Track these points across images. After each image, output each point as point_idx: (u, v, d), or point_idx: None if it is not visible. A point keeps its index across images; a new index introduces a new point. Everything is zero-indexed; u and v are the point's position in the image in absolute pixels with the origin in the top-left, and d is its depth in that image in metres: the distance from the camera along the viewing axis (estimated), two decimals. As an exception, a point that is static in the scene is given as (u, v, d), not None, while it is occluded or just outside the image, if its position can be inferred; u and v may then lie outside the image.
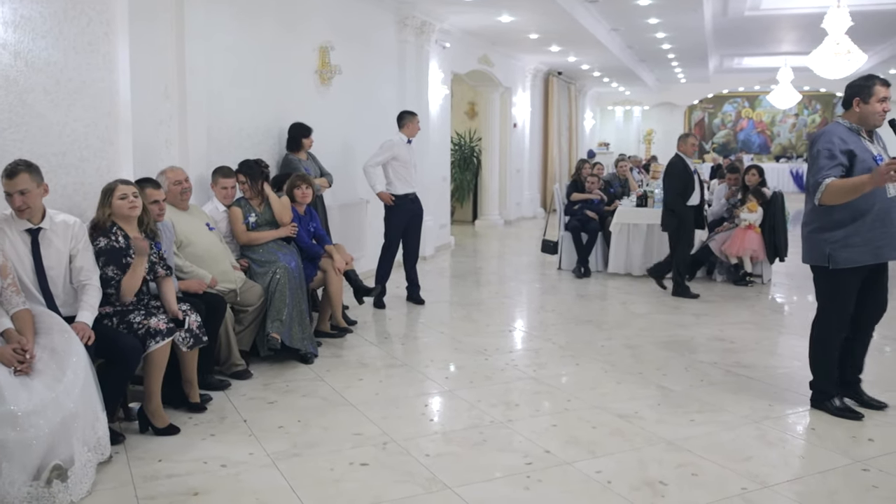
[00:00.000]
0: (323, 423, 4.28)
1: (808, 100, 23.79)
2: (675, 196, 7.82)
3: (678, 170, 7.86)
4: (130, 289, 4.13)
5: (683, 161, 7.90)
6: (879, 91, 4.19)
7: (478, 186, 14.50)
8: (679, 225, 7.84)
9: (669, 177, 7.94)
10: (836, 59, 10.31)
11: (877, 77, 4.27)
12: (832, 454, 3.92)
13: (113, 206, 4.20)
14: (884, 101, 4.20)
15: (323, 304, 6.20)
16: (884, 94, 4.20)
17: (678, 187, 7.79)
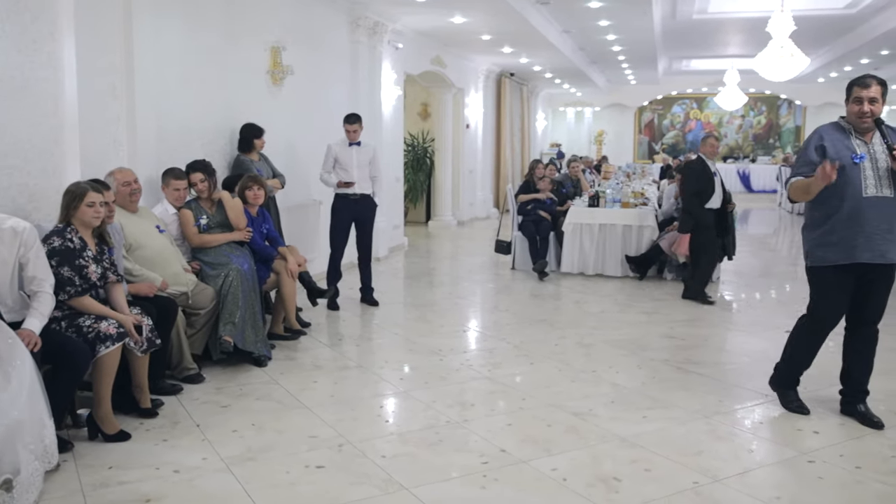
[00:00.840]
0: (277, 426, 4.24)
1: (754, 101, 24.34)
2: (690, 197, 7.72)
3: (696, 171, 7.73)
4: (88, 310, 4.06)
5: (703, 162, 7.73)
6: (854, 91, 4.13)
7: (431, 187, 14.52)
8: (696, 227, 7.71)
9: (686, 178, 7.86)
10: (780, 61, 10.56)
11: (863, 76, 4.17)
12: (779, 447, 4.02)
13: (79, 210, 4.10)
14: (859, 101, 4.09)
15: (276, 306, 6.14)
16: (858, 94, 4.10)
17: (695, 188, 7.66)
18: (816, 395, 4.83)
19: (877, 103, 4.09)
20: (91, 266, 4.11)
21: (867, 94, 4.08)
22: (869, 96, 4.08)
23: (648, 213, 9.12)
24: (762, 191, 23.16)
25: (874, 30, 13.21)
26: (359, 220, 7.32)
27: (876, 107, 4.09)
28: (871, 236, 4.11)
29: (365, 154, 7.29)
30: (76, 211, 4.10)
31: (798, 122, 24.77)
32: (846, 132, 4.19)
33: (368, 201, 7.34)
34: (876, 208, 4.09)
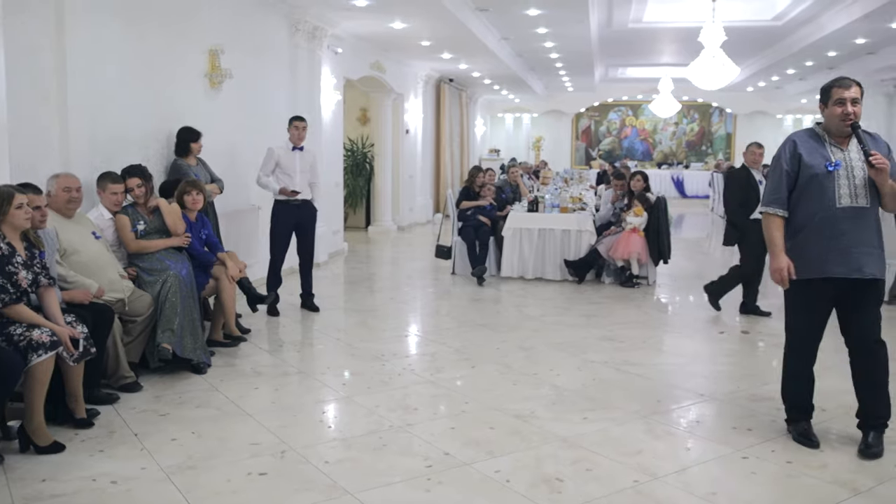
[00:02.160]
0: (218, 433, 4.18)
1: (687, 109, 24.93)
2: (734, 208, 7.22)
3: (740, 181, 7.20)
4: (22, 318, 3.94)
5: (747, 171, 7.22)
6: (835, 93, 3.90)
7: (371, 192, 14.48)
8: (742, 239, 7.16)
9: (729, 188, 7.41)
10: (712, 71, 10.85)
11: (842, 77, 3.97)
12: (715, 444, 4.13)
13: (9, 214, 3.98)
14: (842, 103, 3.87)
15: (215, 312, 6.06)
16: (839, 95, 3.88)
17: (739, 198, 7.12)
18: (752, 392, 4.99)
19: (858, 104, 3.89)
20: (21, 272, 3.99)
21: (849, 95, 3.87)
22: (851, 97, 3.86)
23: (586, 217, 9.26)
24: (695, 196, 23.71)
25: (799, 42, 13.69)
26: (300, 225, 7.27)
27: (858, 108, 3.88)
28: (846, 250, 3.90)
29: (307, 159, 7.25)
30: (5, 216, 3.99)
31: (729, 129, 25.47)
32: (821, 139, 3.99)
33: (309, 207, 7.29)
34: (851, 220, 3.89)
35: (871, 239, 3.93)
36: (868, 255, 3.92)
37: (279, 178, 7.14)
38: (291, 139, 7.18)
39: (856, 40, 12.90)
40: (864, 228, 3.92)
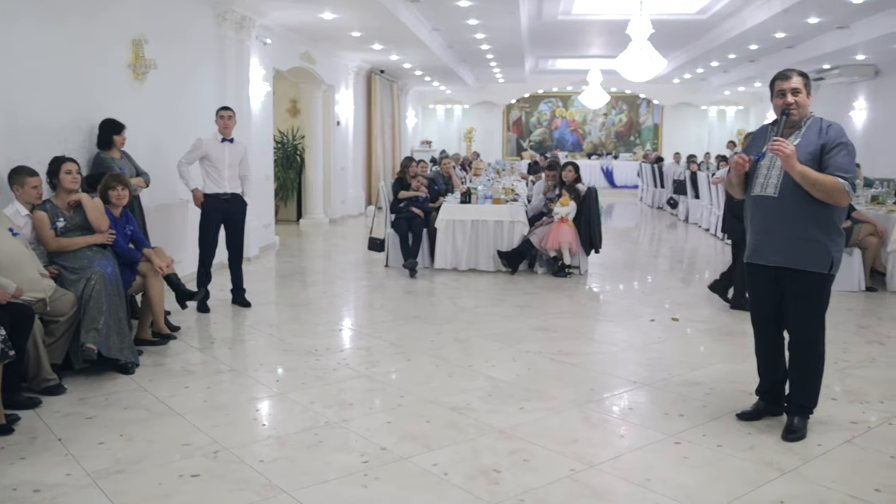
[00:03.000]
0: (148, 435, 4.06)
1: (616, 100, 25.33)
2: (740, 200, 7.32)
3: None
4: None
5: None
6: (777, 85, 4.06)
7: (302, 185, 14.29)
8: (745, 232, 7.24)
9: None
10: (640, 63, 11.03)
11: (784, 70, 4.10)
12: (648, 431, 4.20)
13: None
14: (782, 94, 4.00)
15: (143, 310, 5.88)
16: (780, 87, 4.02)
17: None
18: (682, 378, 5.09)
19: (800, 94, 3.98)
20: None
21: (789, 86, 3.99)
22: (791, 87, 3.98)
23: (519, 208, 9.32)
24: (624, 186, 24.14)
25: (723, 35, 14.03)
26: (229, 219, 7.12)
27: (800, 97, 3.98)
28: (757, 236, 4.12)
29: (236, 152, 7.10)
30: None
31: (656, 120, 25.98)
32: (774, 129, 4.10)
33: (238, 201, 7.15)
34: (766, 208, 4.06)
35: (787, 228, 3.99)
36: (775, 243, 4.03)
37: (206, 170, 6.99)
38: (220, 130, 7.03)
39: (776, 34, 13.28)
40: (783, 217, 3.99)
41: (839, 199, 3.89)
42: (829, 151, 3.90)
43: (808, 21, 11.85)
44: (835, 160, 3.88)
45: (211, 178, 7.00)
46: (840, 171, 3.86)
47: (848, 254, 8.04)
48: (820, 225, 3.95)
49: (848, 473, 3.67)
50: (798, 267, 4.00)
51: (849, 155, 3.91)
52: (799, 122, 4.05)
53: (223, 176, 6.98)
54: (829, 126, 3.98)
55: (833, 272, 4.02)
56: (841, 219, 4.06)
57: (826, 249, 3.96)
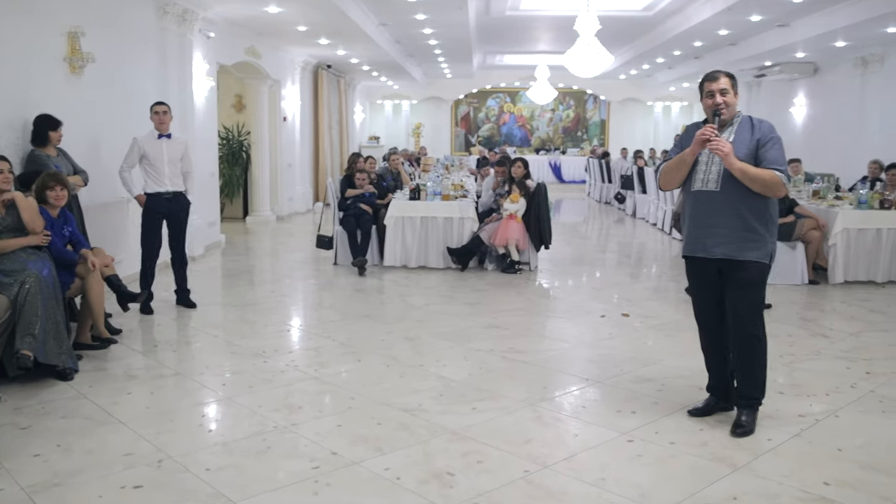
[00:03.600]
0: (88, 445, 3.90)
1: (563, 96, 25.51)
2: None
3: None
4: None
5: None
6: (706, 87, 4.16)
7: (248, 182, 14.03)
8: None
9: None
10: (588, 59, 11.06)
11: (712, 71, 4.19)
12: (601, 429, 4.19)
13: None
14: (711, 95, 4.10)
15: (82, 313, 5.67)
16: (709, 88, 4.12)
17: None
18: (634, 374, 5.10)
19: (728, 94, 4.08)
20: None
21: (717, 87, 4.09)
22: (719, 88, 4.09)
23: (468, 205, 9.28)
24: (572, 181, 24.34)
25: (668, 32, 14.19)
26: (172, 218, 6.93)
27: (728, 97, 4.08)
28: (696, 230, 4.18)
29: (176, 148, 6.90)
30: None
31: (603, 115, 26.23)
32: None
33: (181, 199, 6.96)
34: (704, 203, 4.14)
35: (727, 221, 4.06)
36: (717, 237, 4.10)
37: (146, 169, 6.78)
38: (155, 126, 6.83)
39: (719, 31, 13.48)
40: (722, 210, 4.07)
41: (777, 192, 4.03)
42: (764, 146, 4.04)
43: (750, 19, 12.05)
44: (770, 154, 4.02)
45: (151, 177, 6.79)
46: (776, 165, 3.99)
47: (791, 248, 8.20)
48: (759, 217, 4.07)
49: (797, 468, 3.70)
50: (742, 258, 4.07)
51: (781, 149, 4.07)
52: (729, 121, 4.17)
53: (163, 174, 6.78)
54: (761, 122, 4.14)
55: (770, 262, 4.14)
56: (776, 211, 4.19)
57: (766, 240, 4.09)
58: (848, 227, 8.24)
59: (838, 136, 15.15)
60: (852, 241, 8.27)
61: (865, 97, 14.42)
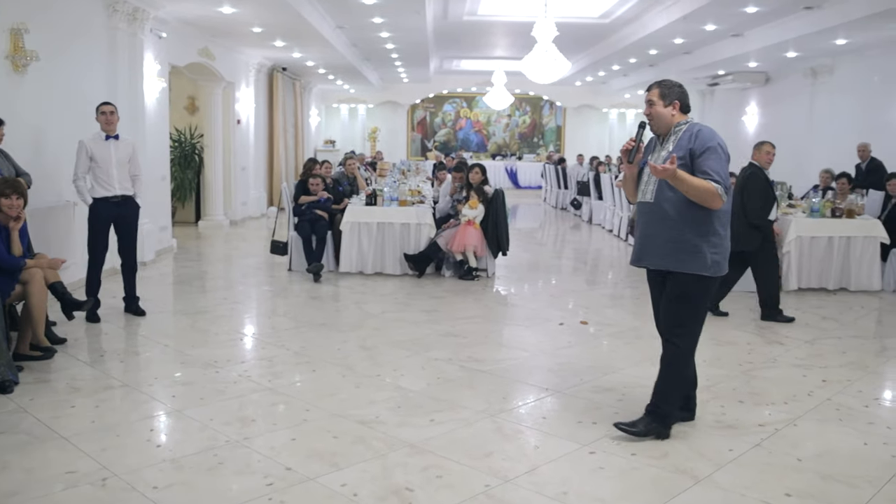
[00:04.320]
0: (26, 463, 3.71)
1: (520, 102, 25.58)
2: (757, 209, 6.95)
3: (760, 182, 6.99)
4: None
5: (763, 172, 7.05)
6: (645, 96, 4.21)
7: (200, 185, 13.73)
8: (763, 241, 7.06)
9: (750, 190, 6.96)
10: (545, 65, 11.06)
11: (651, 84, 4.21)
12: (563, 441, 4.12)
13: None
14: (649, 104, 4.14)
15: (23, 321, 5.43)
16: (646, 98, 4.18)
17: (762, 200, 6.96)
18: (594, 383, 5.05)
19: (654, 105, 4.11)
20: None
21: (646, 99, 4.18)
22: (647, 100, 4.15)
23: (426, 210, 9.18)
24: (528, 187, 24.41)
25: (624, 39, 14.29)
26: (120, 223, 6.70)
27: (653, 109, 4.11)
28: (640, 241, 4.21)
29: (124, 150, 6.68)
30: None
31: (559, 122, 26.35)
32: (657, 138, 4.22)
33: (130, 203, 6.74)
34: (645, 214, 4.18)
35: (662, 231, 4.05)
36: (652, 247, 4.11)
37: (94, 172, 6.55)
38: (102, 127, 6.61)
39: (674, 40, 13.60)
40: (657, 220, 4.07)
41: (712, 203, 3.92)
42: (700, 156, 3.95)
43: (705, 28, 12.17)
44: (705, 164, 3.93)
45: (98, 180, 6.56)
46: (711, 175, 3.91)
47: (747, 255, 8.25)
48: (695, 228, 3.99)
49: (759, 479, 3.67)
50: (675, 269, 4.06)
51: (719, 159, 3.94)
52: (670, 130, 4.12)
53: (112, 176, 6.55)
54: (699, 131, 4.03)
55: (711, 274, 4.02)
56: (722, 222, 4.05)
57: (702, 252, 3.99)
58: (801, 235, 8.35)
59: (789, 144, 15.37)
60: (805, 249, 8.39)
61: (815, 107, 14.69)
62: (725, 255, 4.09)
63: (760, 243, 7.05)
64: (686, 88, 4.22)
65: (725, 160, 3.97)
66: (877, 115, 12.52)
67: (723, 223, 4.06)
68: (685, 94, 4.16)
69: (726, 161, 3.98)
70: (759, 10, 10.60)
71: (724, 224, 4.08)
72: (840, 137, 13.44)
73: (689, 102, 4.16)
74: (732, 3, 10.21)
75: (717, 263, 4.03)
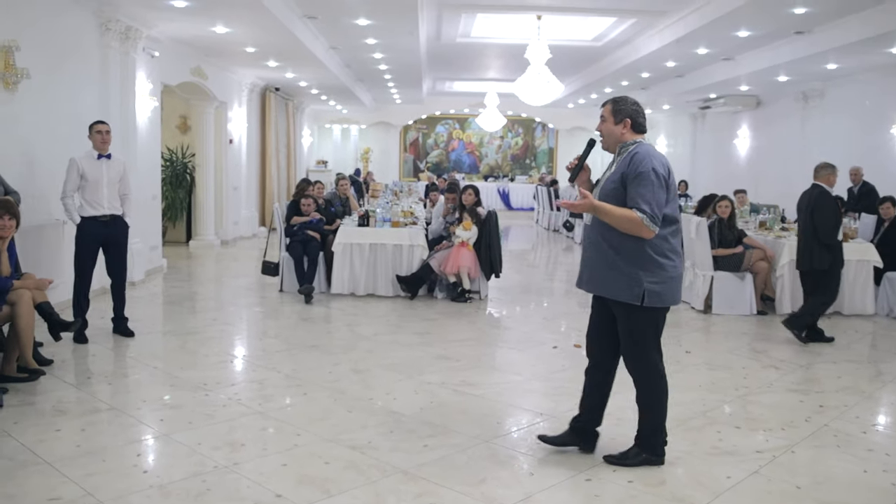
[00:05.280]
0: (7, 489, 3.61)
1: (512, 124, 25.64)
2: (829, 231, 6.91)
3: (832, 204, 6.98)
4: None
5: (830, 193, 7.02)
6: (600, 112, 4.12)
7: (192, 205, 13.66)
8: (833, 262, 7.00)
9: (821, 211, 6.93)
10: (538, 87, 11.09)
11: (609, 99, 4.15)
12: (558, 468, 4.05)
13: None
14: (601, 120, 4.05)
15: (9, 342, 5.33)
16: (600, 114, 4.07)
17: (833, 221, 6.94)
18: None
19: (605, 122, 4.02)
20: None
21: (600, 114, 4.07)
22: (601, 115, 4.06)
23: (418, 232, 9.13)
24: (521, 208, 24.41)
25: (616, 62, 14.34)
26: (109, 243, 6.63)
27: (603, 126, 4.03)
28: (581, 264, 4.15)
29: (115, 169, 6.63)
30: None
31: (551, 143, 26.43)
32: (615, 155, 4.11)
33: (119, 222, 6.67)
34: (587, 237, 4.11)
35: (596, 257, 3.97)
36: (590, 272, 4.03)
37: (84, 191, 6.48)
38: (95, 146, 6.55)
39: (667, 63, 13.65)
40: (592, 245, 4.01)
41: (639, 232, 3.78)
42: (631, 182, 3.82)
43: (697, 52, 12.23)
44: (634, 191, 3.79)
45: (87, 199, 6.50)
46: (637, 203, 3.76)
47: (740, 279, 8.24)
48: (627, 256, 3.85)
49: (758, 508, 3.61)
50: (608, 296, 3.96)
51: (649, 185, 3.76)
52: (618, 149, 4.02)
53: (102, 195, 6.50)
54: (636, 154, 3.88)
55: (648, 304, 3.85)
56: (661, 249, 3.86)
57: (636, 281, 3.83)
58: (794, 258, 8.30)
59: (781, 167, 15.46)
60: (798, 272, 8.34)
61: (806, 130, 14.76)
62: (673, 284, 3.90)
63: (831, 263, 6.99)
64: (641, 107, 4.04)
65: (659, 186, 3.78)
66: (868, 139, 12.59)
67: (663, 251, 3.85)
68: (639, 113, 4.00)
69: (660, 187, 3.78)
70: (750, 35, 10.65)
71: (666, 252, 3.87)
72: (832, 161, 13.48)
73: (643, 122, 4.00)
74: (724, 27, 10.26)
75: (657, 294, 3.84)
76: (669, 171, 3.87)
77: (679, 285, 4.00)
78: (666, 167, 3.86)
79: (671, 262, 3.89)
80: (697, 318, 8.14)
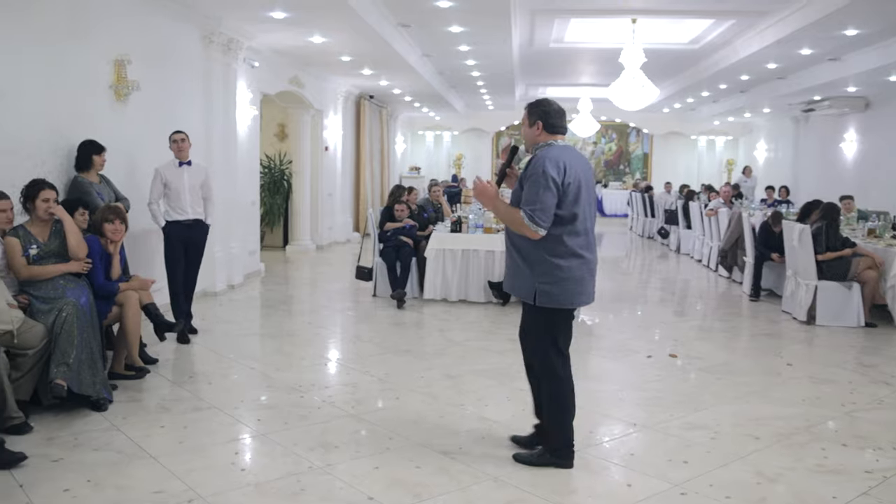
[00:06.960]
0: (118, 481, 3.79)
1: (606, 129, 25.29)
2: None
3: None
4: None
5: None
6: None
7: (289, 210, 14.03)
8: None
9: None
10: (633, 92, 10.89)
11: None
12: (652, 480, 3.95)
13: None
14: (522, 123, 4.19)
15: (118, 341, 5.60)
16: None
17: None
18: (684, 420, 4.85)
19: (523, 126, 4.15)
20: None
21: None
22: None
23: (510, 238, 9.08)
24: (614, 215, 24.06)
25: (714, 65, 13.96)
26: (189, 244, 6.94)
27: (522, 128, 4.15)
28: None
29: (196, 176, 6.93)
30: None
31: (646, 149, 25.95)
32: None
33: (201, 226, 6.98)
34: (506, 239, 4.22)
35: (508, 257, 4.15)
36: (506, 271, 4.22)
37: (168, 197, 6.84)
38: (175, 154, 6.86)
39: (767, 65, 13.21)
40: (507, 246, 4.15)
41: (521, 231, 3.89)
42: (524, 183, 3.94)
43: (800, 52, 11.78)
44: (525, 191, 3.91)
45: (172, 205, 6.84)
46: (523, 203, 3.87)
47: (846, 288, 7.89)
48: (525, 256, 3.98)
49: (866, 530, 3.44)
50: (513, 293, 4.16)
51: (536, 186, 3.83)
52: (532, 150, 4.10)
53: (184, 201, 6.81)
54: (534, 157, 3.98)
55: (539, 304, 3.95)
56: (556, 252, 3.89)
57: (529, 281, 3.96)
58: (910, 268, 7.90)
59: (892, 172, 14.72)
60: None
61: (920, 133, 14.01)
62: (567, 286, 3.93)
63: None
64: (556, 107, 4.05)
65: (545, 188, 3.81)
66: None
67: (557, 252, 3.90)
68: (550, 113, 4.02)
69: (547, 189, 3.81)
70: (859, 33, 10.19)
71: (561, 253, 3.91)
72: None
73: (556, 123, 4.03)
74: (830, 26, 9.84)
75: (547, 294, 3.92)
76: (565, 173, 3.86)
77: (580, 287, 4.00)
78: (560, 169, 3.85)
79: (567, 263, 3.93)
80: (800, 330, 7.83)
